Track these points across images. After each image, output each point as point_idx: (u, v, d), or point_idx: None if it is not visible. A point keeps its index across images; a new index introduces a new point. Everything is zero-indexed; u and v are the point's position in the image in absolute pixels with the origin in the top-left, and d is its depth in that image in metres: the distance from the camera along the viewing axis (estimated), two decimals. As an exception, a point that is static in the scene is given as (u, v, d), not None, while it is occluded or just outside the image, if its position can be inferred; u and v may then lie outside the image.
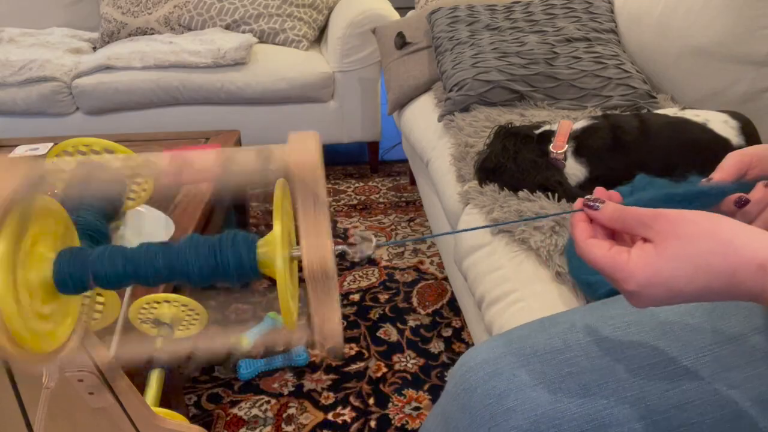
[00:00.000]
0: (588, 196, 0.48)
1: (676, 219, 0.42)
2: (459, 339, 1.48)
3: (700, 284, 0.41)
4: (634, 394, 0.53)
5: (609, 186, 0.69)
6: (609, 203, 0.46)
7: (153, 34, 2.38)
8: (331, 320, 0.39)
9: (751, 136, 1.01)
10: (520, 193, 1.03)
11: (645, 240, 0.44)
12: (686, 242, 0.41)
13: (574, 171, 1.05)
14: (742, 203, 0.52)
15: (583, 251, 0.46)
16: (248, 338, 1.43)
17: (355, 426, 1.26)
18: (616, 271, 0.43)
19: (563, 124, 1.09)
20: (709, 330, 0.56)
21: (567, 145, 1.06)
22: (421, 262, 1.79)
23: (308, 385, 1.36)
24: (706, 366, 0.54)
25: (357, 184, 2.34)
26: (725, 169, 0.54)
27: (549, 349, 0.57)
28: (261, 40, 2.31)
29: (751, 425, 0.53)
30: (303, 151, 0.39)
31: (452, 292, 1.64)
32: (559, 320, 0.60)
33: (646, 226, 0.43)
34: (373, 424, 1.26)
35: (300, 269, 0.43)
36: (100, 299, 0.74)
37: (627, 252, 0.43)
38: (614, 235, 0.48)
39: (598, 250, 0.45)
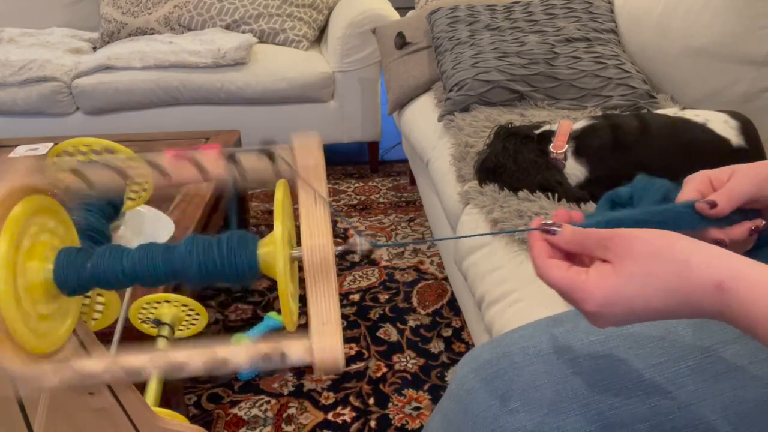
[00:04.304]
0: (546, 221, 0.47)
1: (630, 239, 0.42)
2: (459, 339, 1.48)
3: (658, 304, 0.40)
4: (639, 395, 0.53)
5: (609, 186, 0.69)
6: (567, 226, 0.46)
7: (153, 34, 2.38)
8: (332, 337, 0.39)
9: (751, 136, 1.01)
10: (520, 193, 1.03)
11: (603, 261, 0.43)
12: (642, 262, 0.41)
13: (574, 171, 1.05)
14: (759, 231, 0.50)
15: (542, 271, 0.46)
16: (248, 338, 1.43)
17: (355, 426, 1.26)
18: (574, 291, 0.43)
19: (563, 124, 1.09)
20: (714, 329, 0.56)
21: (567, 145, 1.06)
22: (421, 262, 1.79)
23: (308, 385, 1.36)
24: (711, 366, 0.54)
25: (357, 184, 2.34)
26: (687, 194, 0.53)
27: (552, 350, 0.57)
28: (261, 40, 2.31)
29: (757, 426, 0.53)
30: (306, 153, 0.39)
31: (452, 292, 1.64)
32: (562, 320, 0.60)
33: (604, 248, 0.43)
34: (373, 424, 1.26)
35: (300, 269, 0.43)
36: (100, 299, 0.74)
37: (585, 272, 0.43)
38: (573, 256, 0.47)
39: (557, 270, 0.45)
